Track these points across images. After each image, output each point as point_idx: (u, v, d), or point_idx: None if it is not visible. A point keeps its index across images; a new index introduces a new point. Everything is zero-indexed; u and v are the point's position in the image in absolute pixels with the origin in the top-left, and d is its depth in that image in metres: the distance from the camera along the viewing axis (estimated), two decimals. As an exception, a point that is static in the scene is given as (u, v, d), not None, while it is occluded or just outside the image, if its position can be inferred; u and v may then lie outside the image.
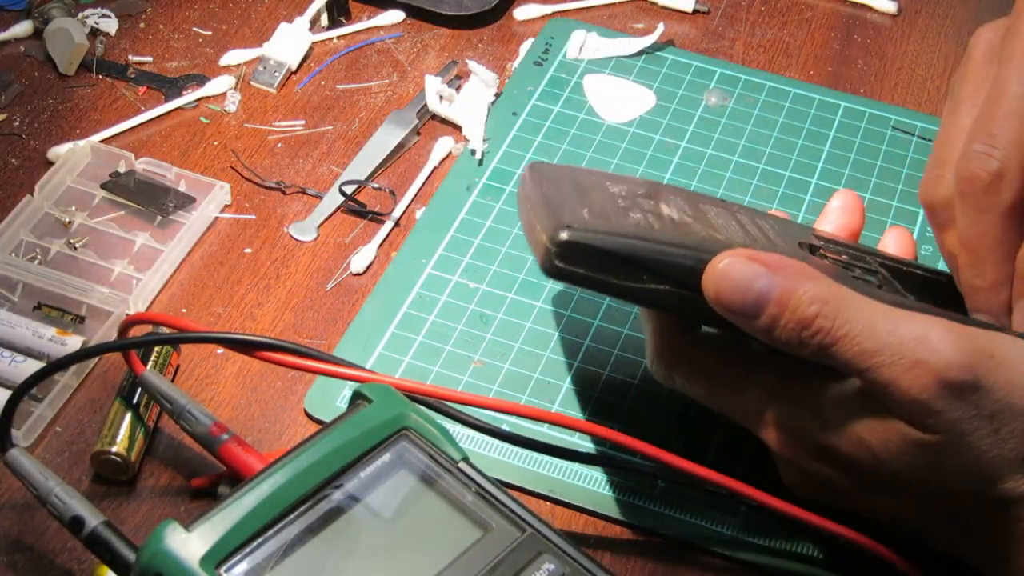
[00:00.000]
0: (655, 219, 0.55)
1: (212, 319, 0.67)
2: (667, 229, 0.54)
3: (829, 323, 0.51)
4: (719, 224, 0.56)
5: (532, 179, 0.57)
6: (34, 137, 0.76)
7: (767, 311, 0.51)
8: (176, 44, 0.83)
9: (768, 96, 0.81)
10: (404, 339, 0.66)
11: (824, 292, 0.51)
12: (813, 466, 0.55)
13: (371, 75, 0.81)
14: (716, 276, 0.52)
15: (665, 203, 0.57)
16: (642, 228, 0.53)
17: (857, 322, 0.50)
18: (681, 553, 0.59)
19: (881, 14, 0.88)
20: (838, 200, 0.63)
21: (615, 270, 0.52)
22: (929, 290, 0.59)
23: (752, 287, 0.51)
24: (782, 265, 0.52)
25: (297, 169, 0.75)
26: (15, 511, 0.59)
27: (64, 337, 0.64)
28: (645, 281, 0.52)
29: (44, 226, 0.70)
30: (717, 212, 0.58)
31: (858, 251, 0.60)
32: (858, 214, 0.63)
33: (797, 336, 0.51)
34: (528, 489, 0.60)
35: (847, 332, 0.50)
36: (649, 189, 0.58)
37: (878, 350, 0.50)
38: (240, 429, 0.61)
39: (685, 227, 0.55)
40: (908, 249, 0.63)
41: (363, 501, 0.50)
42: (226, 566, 0.47)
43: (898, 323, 0.50)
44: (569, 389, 0.64)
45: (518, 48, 0.84)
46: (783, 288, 0.51)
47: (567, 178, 0.58)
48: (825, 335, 0.51)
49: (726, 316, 0.52)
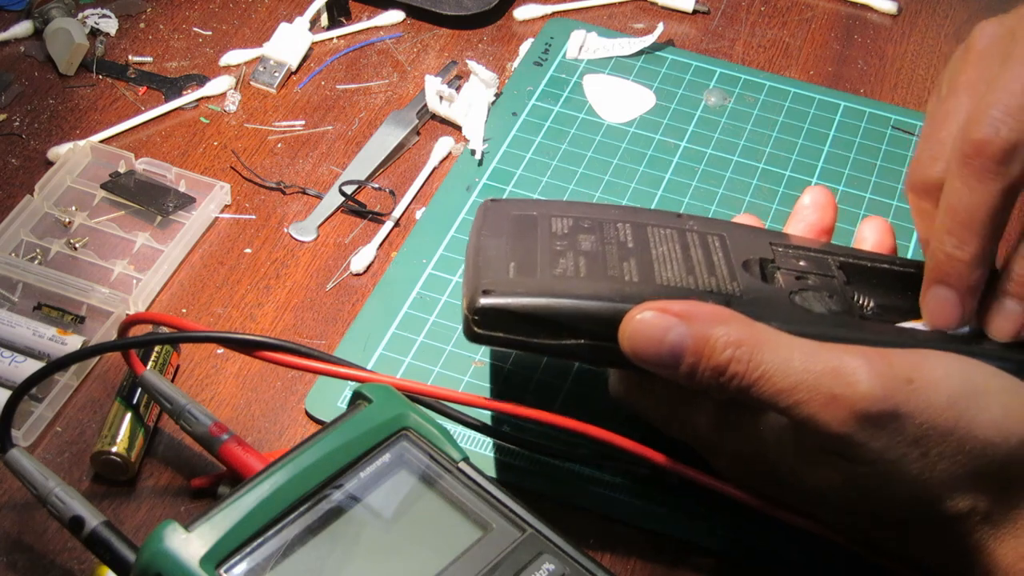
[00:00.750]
0: (586, 262, 0.55)
1: (212, 319, 0.67)
2: (592, 275, 0.54)
3: (743, 367, 0.50)
4: (659, 254, 0.56)
5: (476, 228, 0.58)
6: (34, 137, 0.76)
7: (684, 361, 0.51)
8: (176, 44, 0.83)
9: (768, 96, 0.81)
10: (405, 339, 0.66)
11: (736, 336, 0.51)
12: (765, 491, 0.55)
13: (371, 75, 0.81)
14: (630, 333, 0.52)
15: (607, 235, 0.57)
16: (563, 280, 0.54)
17: (772, 362, 0.50)
18: (681, 553, 0.59)
19: (881, 14, 0.88)
20: (808, 197, 0.63)
21: (533, 331, 0.53)
22: (895, 285, 0.58)
23: (666, 339, 0.51)
24: (694, 313, 0.51)
25: (297, 169, 0.75)
26: (15, 511, 0.59)
27: (64, 337, 0.64)
28: (564, 337, 0.53)
29: (44, 226, 0.70)
30: (664, 236, 0.58)
31: (819, 253, 0.59)
32: (829, 210, 0.63)
33: (716, 381, 0.51)
34: (528, 489, 0.60)
35: (762, 373, 0.50)
36: (595, 218, 0.58)
37: (795, 387, 0.50)
38: (240, 429, 0.61)
39: (615, 267, 0.55)
40: (886, 240, 0.62)
41: (363, 501, 0.50)
42: (226, 566, 0.47)
43: (813, 358, 0.50)
44: (569, 390, 0.64)
45: (518, 48, 0.84)
46: (695, 337, 0.51)
47: (511, 219, 0.58)
48: (741, 378, 0.51)
49: (646, 368, 0.52)
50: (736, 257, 0.57)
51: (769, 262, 0.58)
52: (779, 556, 0.58)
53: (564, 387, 0.64)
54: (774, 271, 0.57)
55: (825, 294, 0.56)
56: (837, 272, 0.58)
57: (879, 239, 0.62)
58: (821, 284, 0.57)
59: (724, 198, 0.74)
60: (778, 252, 0.58)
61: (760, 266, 0.57)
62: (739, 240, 0.58)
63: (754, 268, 0.57)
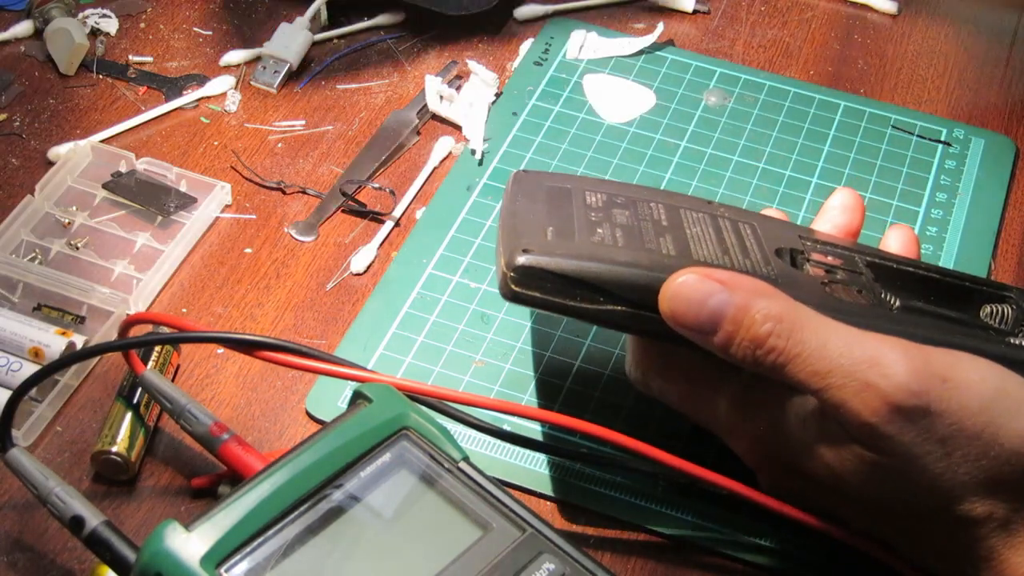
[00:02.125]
0: (623, 234, 0.55)
1: (212, 319, 0.67)
2: (630, 246, 0.55)
3: (783, 343, 0.51)
4: (693, 233, 0.56)
5: (509, 194, 0.58)
6: (34, 137, 0.76)
7: (722, 328, 0.51)
8: (176, 44, 0.83)
9: (768, 96, 0.81)
10: (405, 339, 0.66)
11: (778, 311, 0.51)
12: (779, 477, 0.55)
13: (371, 75, 0.81)
14: (671, 294, 0.52)
15: (642, 212, 0.57)
16: (602, 248, 0.54)
17: (810, 342, 0.50)
18: (681, 553, 0.59)
19: (881, 14, 0.88)
20: (837, 199, 0.63)
21: (571, 293, 0.53)
22: (921, 288, 0.58)
23: (706, 305, 0.51)
24: (737, 283, 0.52)
25: (297, 169, 0.75)
26: (15, 511, 0.59)
27: (64, 337, 0.64)
28: (602, 303, 0.53)
29: (45, 226, 0.70)
30: (696, 218, 0.58)
31: (847, 251, 0.60)
32: (858, 213, 0.63)
33: (752, 354, 0.51)
34: (528, 489, 0.60)
35: (800, 352, 0.50)
36: (629, 196, 0.59)
37: (830, 371, 0.50)
38: (240, 429, 0.61)
39: (652, 241, 0.55)
40: (911, 247, 0.63)
41: (363, 501, 0.50)
42: (226, 566, 0.47)
43: (852, 344, 0.50)
44: (570, 389, 0.64)
45: (518, 48, 0.84)
46: (737, 306, 0.51)
47: (545, 189, 0.58)
48: (778, 355, 0.51)
49: (682, 333, 0.52)
50: (768, 245, 0.57)
51: (799, 253, 0.58)
52: (780, 556, 0.58)
53: (564, 387, 0.64)
54: (804, 262, 0.57)
55: (855, 288, 0.56)
56: (865, 269, 0.58)
57: (904, 246, 0.62)
58: (850, 279, 0.57)
59: (724, 198, 0.74)
60: (807, 245, 0.59)
61: (791, 255, 0.57)
62: (770, 230, 0.59)
63: (785, 256, 0.57)
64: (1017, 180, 0.77)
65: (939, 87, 0.83)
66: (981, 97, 0.82)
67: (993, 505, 0.51)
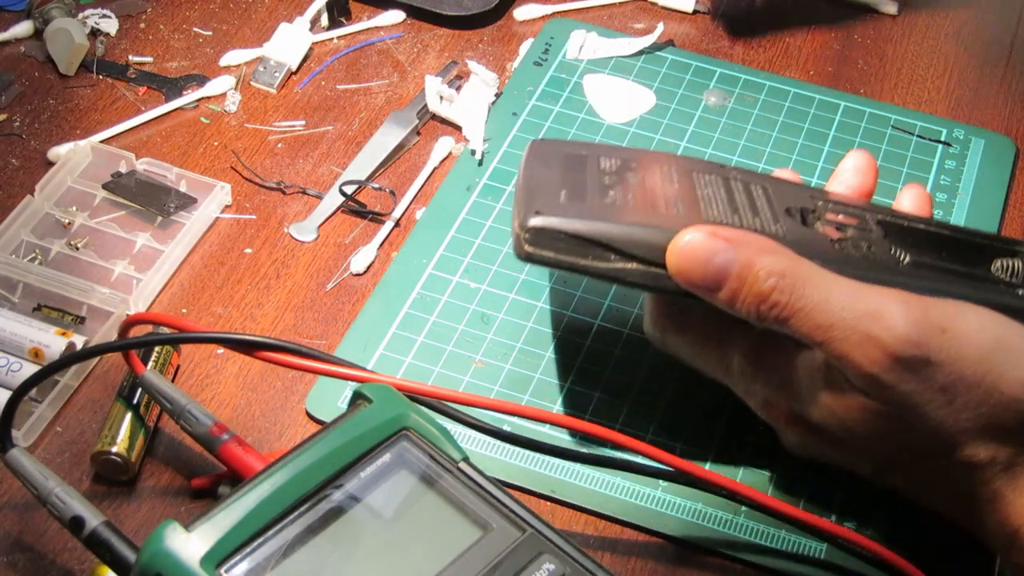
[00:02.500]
0: (634, 196, 0.57)
1: (212, 319, 0.67)
2: (641, 206, 0.56)
3: (785, 297, 0.52)
4: (705, 194, 0.58)
5: (527, 160, 0.60)
6: (34, 137, 0.76)
7: (727, 285, 0.53)
8: (176, 44, 0.83)
9: (768, 96, 0.81)
10: (405, 339, 0.66)
11: (781, 266, 0.53)
12: (791, 430, 0.57)
13: (371, 75, 0.81)
14: (678, 252, 0.54)
15: (655, 175, 0.59)
16: (613, 208, 0.56)
17: (813, 297, 0.52)
18: (681, 553, 0.59)
19: (881, 14, 0.88)
20: (850, 161, 0.64)
21: (583, 252, 0.55)
22: (932, 245, 0.59)
23: (712, 262, 0.53)
24: (742, 240, 0.53)
25: (297, 169, 0.75)
26: (15, 511, 0.59)
27: (64, 337, 0.64)
28: (613, 260, 0.55)
29: (45, 226, 0.70)
30: (708, 180, 0.59)
31: (859, 210, 0.61)
32: (871, 174, 0.64)
33: (756, 310, 0.53)
34: (528, 489, 0.60)
35: (803, 307, 0.52)
36: (643, 160, 0.60)
37: (832, 325, 0.52)
38: (240, 429, 0.61)
39: (663, 201, 0.57)
40: (923, 206, 0.63)
41: (363, 501, 0.50)
42: (226, 566, 0.47)
43: (854, 298, 0.52)
44: (570, 389, 0.64)
45: (518, 48, 0.84)
46: (742, 263, 0.53)
47: (561, 155, 0.60)
48: (782, 309, 0.52)
49: (689, 290, 0.54)
50: (779, 204, 0.58)
51: (810, 212, 0.59)
52: (780, 556, 0.58)
53: (565, 387, 0.64)
54: (814, 220, 0.58)
55: (864, 244, 0.57)
56: (875, 227, 0.59)
57: (917, 205, 0.63)
58: (860, 236, 0.58)
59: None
60: (819, 205, 0.60)
61: (801, 214, 0.58)
62: (782, 191, 0.60)
63: (796, 215, 0.58)
64: (1017, 180, 0.77)
65: (939, 87, 0.83)
66: (981, 97, 0.82)
67: (996, 449, 0.52)
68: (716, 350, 0.58)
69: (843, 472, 0.58)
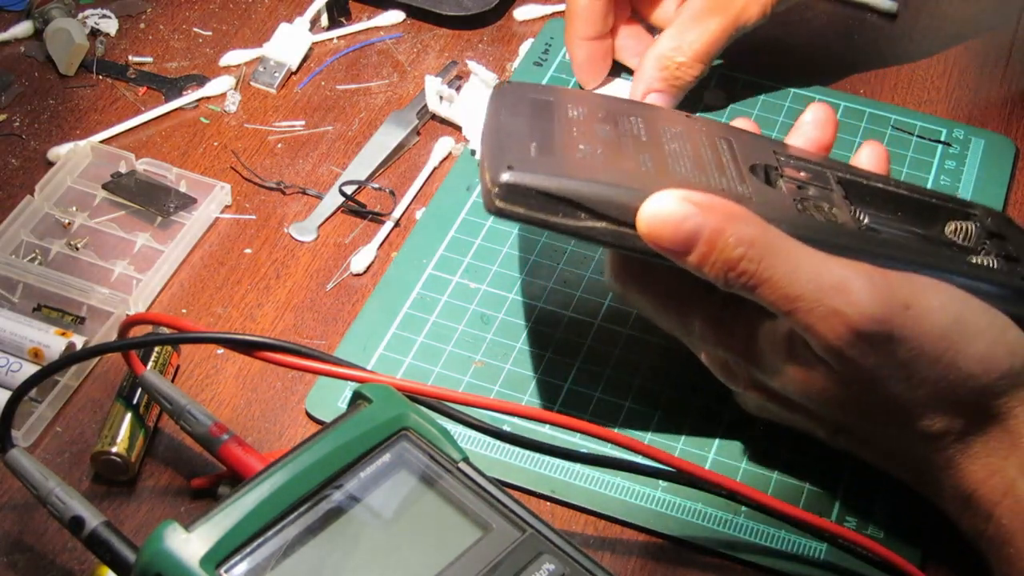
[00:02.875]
0: (603, 150, 0.57)
1: (212, 319, 0.67)
2: (611, 163, 0.56)
3: (754, 266, 0.53)
4: (672, 150, 0.58)
5: (493, 107, 0.60)
6: (34, 137, 0.76)
7: (697, 250, 0.53)
8: (176, 44, 0.83)
9: (768, 96, 0.81)
10: (405, 339, 0.66)
11: (750, 235, 0.53)
12: (751, 394, 0.58)
13: (371, 75, 0.81)
14: (648, 215, 0.54)
15: (622, 127, 0.59)
16: (584, 165, 0.56)
17: (780, 267, 0.53)
18: (681, 553, 0.59)
19: (881, 14, 0.88)
20: (810, 114, 0.65)
21: (553, 209, 0.55)
22: (890, 204, 0.61)
23: (682, 226, 0.53)
24: (713, 206, 0.54)
25: (297, 169, 0.75)
26: (15, 511, 0.59)
27: (64, 338, 0.64)
28: (583, 219, 0.55)
29: (44, 227, 0.70)
30: (675, 133, 0.60)
31: (819, 166, 0.61)
32: (830, 127, 0.65)
33: (724, 275, 0.53)
34: (528, 489, 0.60)
35: (770, 276, 0.53)
36: (609, 110, 0.60)
37: (799, 296, 0.52)
38: (240, 429, 0.61)
39: (632, 158, 0.57)
40: (881, 163, 0.65)
41: (363, 501, 0.50)
42: (226, 566, 0.47)
43: (820, 270, 0.53)
44: (570, 389, 0.64)
45: (518, 48, 0.83)
46: (712, 229, 0.53)
47: (528, 102, 0.60)
48: (750, 277, 0.53)
49: (658, 252, 0.54)
50: (743, 161, 0.59)
51: (773, 169, 0.59)
52: (780, 556, 0.58)
53: (564, 387, 0.64)
54: (777, 178, 0.59)
55: (825, 205, 0.58)
56: (835, 186, 0.60)
57: (875, 162, 0.64)
58: (821, 196, 0.59)
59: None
60: (780, 160, 0.60)
61: (765, 172, 0.59)
62: (745, 145, 0.60)
63: (760, 173, 0.59)
64: (1017, 180, 0.77)
65: (939, 87, 0.83)
66: (981, 97, 0.82)
67: (951, 421, 0.54)
68: (677, 311, 0.58)
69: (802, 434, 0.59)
